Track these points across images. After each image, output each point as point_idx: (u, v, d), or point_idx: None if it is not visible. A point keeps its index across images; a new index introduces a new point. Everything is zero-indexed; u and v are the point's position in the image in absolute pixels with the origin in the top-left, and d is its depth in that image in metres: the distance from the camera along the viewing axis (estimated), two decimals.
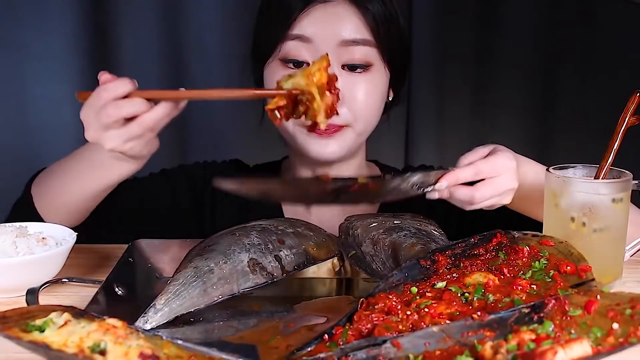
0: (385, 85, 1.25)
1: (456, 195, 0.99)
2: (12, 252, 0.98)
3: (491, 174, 0.99)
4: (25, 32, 1.91)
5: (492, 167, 0.99)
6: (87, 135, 1.00)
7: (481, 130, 2.11)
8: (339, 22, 1.17)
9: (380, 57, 1.21)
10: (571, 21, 2.02)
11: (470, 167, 0.99)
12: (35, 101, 1.96)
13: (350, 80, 1.18)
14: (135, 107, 0.96)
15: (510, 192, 1.01)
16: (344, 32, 1.17)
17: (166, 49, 1.97)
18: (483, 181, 0.99)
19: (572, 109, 2.07)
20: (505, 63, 2.07)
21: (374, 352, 0.71)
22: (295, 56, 1.18)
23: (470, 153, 1.02)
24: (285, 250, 1.01)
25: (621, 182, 0.97)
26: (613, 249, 0.99)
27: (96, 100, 0.96)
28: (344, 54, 1.18)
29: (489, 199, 1.00)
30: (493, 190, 0.99)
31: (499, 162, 0.99)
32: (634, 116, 0.99)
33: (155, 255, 1.09)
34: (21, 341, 0.69)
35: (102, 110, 0.96)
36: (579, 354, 0.66)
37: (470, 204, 1.00)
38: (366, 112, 1.21)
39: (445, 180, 0.98)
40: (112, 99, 0.95)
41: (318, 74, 0.98)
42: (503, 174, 0.99)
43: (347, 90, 1.17)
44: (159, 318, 0.87)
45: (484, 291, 0.82)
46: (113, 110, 0.95)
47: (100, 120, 0.96)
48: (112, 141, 0.98)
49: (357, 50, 1.18)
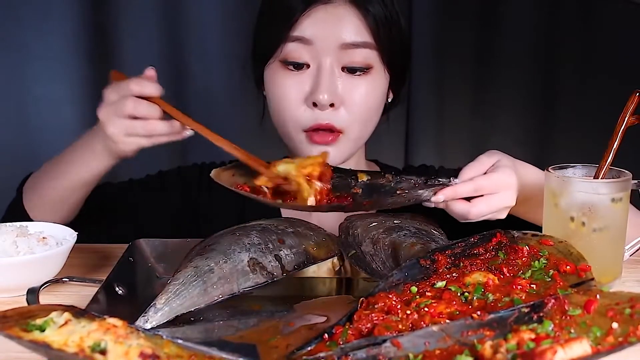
0: (384, 87, 1.24)
1: (453, 209, 1.01)
2: (12, 251, 0.98)
3: (490, 191, 1.00)
4: (26, 32, 1.91)
5: (492, 185, 1.00)
6: (99, 112, 1.05)
7: (481, 130, 2.11)
8: (340, 24, 1.17)
9: (380, 60, 1.20)
10: (571, 21, 2.02)
11: (470, 184, 0.99)
12: (36, 101, 1.96)
13: (350, 83, 1.18)
14: (150, 111, 1.02)
15: (506, 209, 1.03)
16: (345, 34, 1.17)
17: (166, 49, 1.97)
18: (481, 197, 1.00)
19: (572, 108, 2.07)
20: (505, 63, 2.07)
21: (374, 351, 0.71)
22: (296, 58, 1.18)
23: (474, 164, 1.02)
24: (285, 249, 1.01)
25: (620, 181, 0.97)
26: (612, 249, 0.99)
27: (125, 88, 1.03)
28: (344, 56, 1.17)
29: (484, 215, 1.01)
30: (489, 208, 1.00)
31: (499, 179, 1.00)
32: (633, 116, 1.00)
33: (156, 254, 1.09)
34: (22, 340, 0.69)
35: (124, 99, 1.02)
36: (579, 353, 0.66)
37: (466, 219, 1.01)
38: (364, 115, 1.21)
39: (442, 194, 0.99)
40: (137, 94, 1.02)
41: (310, 168, 1.02)
42: (502, 192, 1.00)
43: (346, 93, 1.18)
44: (159, 317, 0.87)
45: (483, 290, 0.82)
46: (132, 104, 1.02)
47: (117, 107, 1.02)
48: (115, 128, 1.03)
49: (358, 52, 1.18)
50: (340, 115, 1.19)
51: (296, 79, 1.19)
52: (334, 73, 1.17)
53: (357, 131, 1.22)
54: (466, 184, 1.00)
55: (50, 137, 1.96)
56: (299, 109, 1.19)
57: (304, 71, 1.19)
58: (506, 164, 1.02)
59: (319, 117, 1.18)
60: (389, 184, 1.07)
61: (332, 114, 1.18)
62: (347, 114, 1.19)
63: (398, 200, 1.01)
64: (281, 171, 1.02)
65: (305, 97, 1.18)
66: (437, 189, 0.99)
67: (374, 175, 1.09)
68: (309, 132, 1.19)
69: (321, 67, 1.17)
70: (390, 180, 1.07)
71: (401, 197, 1.02)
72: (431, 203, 1.01)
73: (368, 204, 1.03)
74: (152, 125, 1.02)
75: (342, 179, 1.09)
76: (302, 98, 1.19)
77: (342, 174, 1.10)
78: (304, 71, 1.19)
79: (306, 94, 1.18)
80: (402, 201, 1.01)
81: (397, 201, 1.01)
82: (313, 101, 1.17)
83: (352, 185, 1.08)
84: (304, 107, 1.19)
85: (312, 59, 1.18)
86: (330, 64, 1.17)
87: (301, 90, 1.18)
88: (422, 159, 2.04)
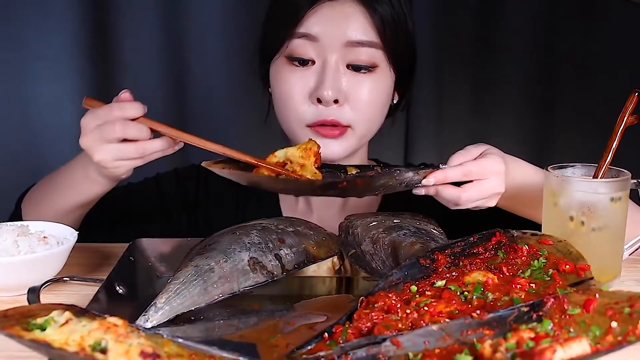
0: (390, 87, 1.24)
1: (443, 194, 1.02)
2: (13, 251, 0.99)
3: (479, 176, 1.01)
4: (26, 32, 1.91)
5: (481, 170, 1.01)
6: (82, 141, 1.04)
7: (481, 130, 2.11)
8: (346, 22, 1.17)
9: (387, 59, 1.20)
10: (571, 21, 2.02)
11: (460, 168, 1.01)
12: (37, 100, 1.96)
13: (355, 80, 1.18)
14: (140, 132, 1.02)
15: (496, 195, 1.04)
16: (351, 32, 1.17)
17: (167, 49, 1.97)
18: (471, 183, 1.01)
19: (572, 108, 2.07)
20: (505, 63, 2.07)
21: (374, 350, 0.71)
22: (301, 54, 1.18)
23: (462, 152, 1.04)
24: (285, 249, 1.01)
25: (620, 181, 0.98)
26: (612, 248, 0.99)
27: (106, 113, 1.01)
28: (349, 54, 1.17)
29: (474, 201, 1.02)
30: (479, 193, 1.02)
31: (488, 165, 1.01)
32: (632, 115, 1.00)
33: (156, 254, 1.09)
34: (22, 340, 0.69)
35: (110, 125, 1.01)
36: (578, 352, 0.66)
37: (456, 204, 1.03)
38: (369, 113, 1.21)
39: (433, 177, 1.01)
40: (123, 118, 1.01)
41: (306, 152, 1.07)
42: (491, 177, 1.02)
43: (351, 90, 1.18)
44: (159, 317, 0.87)
45: (483, 290, 0.82)
46: (120, 128, 1.01)
47: (103, 133, 1.01)
48: (104, 154, 1.02)
49: (363, 51, 1.17)
50: (345, 112, 1.18)
51: (301, 74, 1.19)
52: (338, 70, 1.17)
53: (363, 128, 1.22)
54: (456, 168, 1.01)
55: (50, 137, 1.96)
56: (303, 105, 1.19)
57: (309, 67, 1.19)
58: (494, 152, 1.04)
59: (322, 113, 1.18)
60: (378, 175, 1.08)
61: (337, 111, 1.18)
62: (351, 110, 1.19)
63: (389, 183, 1.01)
64: (281, 156, 1.05)
65: (310, 93, 1.18)
66: (427, 172, 1.01)
67: (362, 168, 1.10)
68: (315, 126, 1.19)
69: (326, 64, 1.17)
70: (380, 172, 1.08)
71: (392, 178, 1.02)
72: (422, 189, 1.02)
73: (361, 183, 1.03)
74: (143, 146, 1.02)
75: (331, 174, 1.10)
76: (307, 94, 1.18)
77: (331, 169, 1.10)
78: (309, 67, 1.19)
79: (310, 90, 1.18)
80: (393, 184, 1.02)
81: (389, 183, 1.02)
82: (317, 97, 1.17)
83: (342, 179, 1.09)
84: (308, 103, 1.19)
85: (317, 55, 1.18)
86: (336, 61, 1.17)
87: (305, 86, 1.18)
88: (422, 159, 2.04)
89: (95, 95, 1.83)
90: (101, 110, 1.02)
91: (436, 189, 1.02)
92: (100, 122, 1.01)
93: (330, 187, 1.04)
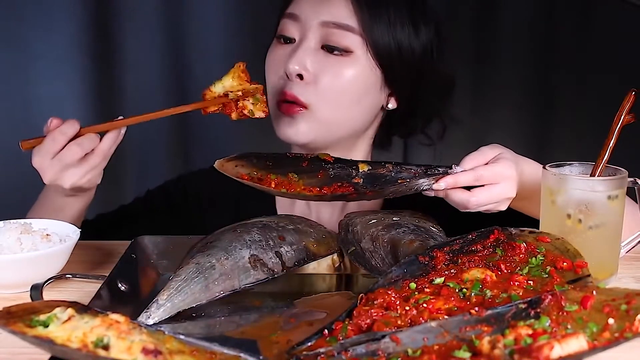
0: (367, 78, 1.20)
1: (453, 198, 1.02)
2: (16, 248, 0.99)
3: (490, 181, 1.01)
4: (28, 31, 1.91)
5: (493, 175, 1.00)
6: (46, 180, 1.07)
7: (480, 130, 2.11)
8: (327, 4, 1.18)
9: (366, 48, 1.18)
10: (570, 21, 2.03)
11: (471, 173, 1.01)
12: (38, 100, 1.96)
13: (325, 61, 1.18)
14: (92, 142, 1.06)
15: (507, 200, 1.03)
16: (328, 13, 1.18)
17: (168, 48, 1.97)
18: (481, 187, 1.01)
19: (569, 107, 2.07)
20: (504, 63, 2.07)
21: (373, 347, 0.72)
22: (286, 32, 1.21)
23: (475, 154, 1.03)
24: (285, 246, 1.02)
25: (617, 179, 0.98)
26: (609, 246, 1.00)
27: (53, 144, 1.05)
28: (326, 35, 1.18)
29: (484, 205, 1.02)
30: (490, 198, 1.01)
31: (500, 170, 1.01)
32: (629, 114, 1.00)
33: (158, 251, 1.09)
34: (25, 336, 0.69)
35: (65, 152, 1.04)
36: (575, 348, 0.67)
37: (465, 208, 1.02)
38: (332, 96, 1.18)
39: (443, 182, 1.00)
40: (69, 139, 1.04)
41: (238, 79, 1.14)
42: (502, 182, 1.01)
43: (320, 69, 1.18)
44: (161, 313, 0.88)
45: (481, 287, 0.83)
46: (76, 148, 1.05)
47: (62, 161, 1.05)
48: (72, 178, 1.07)
49: (338, 33, 1.17)
50: (308, 90, 1.18)
51: (281, 51, 1.22)
52: (310, 47, 1.18)
53: (326, 112, 1.19)
54: (467, 172, 1.01)
55: None
56: (276, 79, 1.21)
57: (290, 45, 1.21)
58: (508, 157, 1.03)
59: (286, 87, 1.19)
60: (390, 174, 1.08)
61: (300, 87, 1.18)
62: (315, 90, 1.18)
63: (399, 189, 1.02)
64: (219, 90, 1.12)
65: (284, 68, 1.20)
66: (438, 177, 1.01)
67: (374, 165, 1.10)
68: (280, 102, 1.20)
69: (302, 42, 1.19)
70: (391, 170, 1.08)
71: (402, 186, 1.03)
72: (432, 192, 1.02)
73: (371, 194, 1.04)
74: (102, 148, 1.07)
75: (343, 169, 1.10)
76: (282, 69, 1.20)
77: (343, 164, 1.10)
78: (290, 45, 1.21)
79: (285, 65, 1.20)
80: (403, 190, 1.02)
81: (399, 190, 1.02)
82: (284, 71, 1.19)
83: (353, 176, 1.09)
84: (280, 77, 1.21)
85: (298, 34, 1.20)
86: (310, 40, 1.18)
87: (281, 61, 1.20)
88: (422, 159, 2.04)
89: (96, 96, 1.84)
90: (45, 144, 1.05)
91: (446, 191, 1.02)
92: (52, 155, 1.04)
93: (340, 198, 1.04)
